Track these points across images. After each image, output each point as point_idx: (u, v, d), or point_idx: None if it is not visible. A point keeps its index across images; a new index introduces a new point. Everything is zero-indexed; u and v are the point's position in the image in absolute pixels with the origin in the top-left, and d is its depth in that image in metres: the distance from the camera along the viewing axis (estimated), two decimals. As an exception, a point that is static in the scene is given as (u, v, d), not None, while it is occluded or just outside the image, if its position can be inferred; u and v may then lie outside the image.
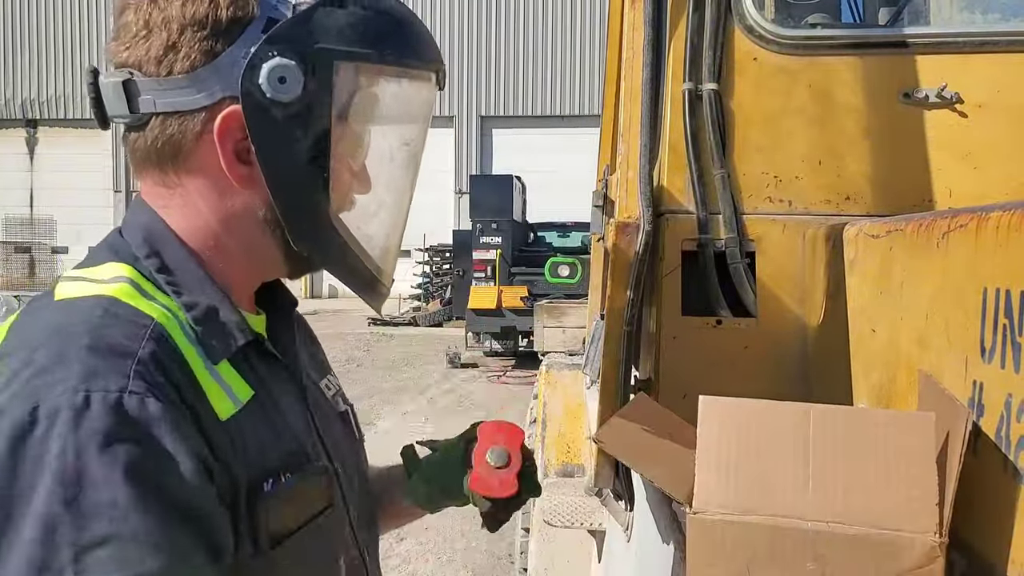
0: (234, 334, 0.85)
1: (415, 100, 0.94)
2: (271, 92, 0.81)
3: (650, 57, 1.32)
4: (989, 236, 0.75)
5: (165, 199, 0.87)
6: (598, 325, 1.41)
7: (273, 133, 0.83)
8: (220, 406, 0.80)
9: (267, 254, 0.90)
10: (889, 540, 0.75)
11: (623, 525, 1.91)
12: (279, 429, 0.87)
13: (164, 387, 0.74)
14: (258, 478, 0.81)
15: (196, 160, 0.85)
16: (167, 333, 0.78)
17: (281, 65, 0.81)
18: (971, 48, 1.34)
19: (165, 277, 0.84)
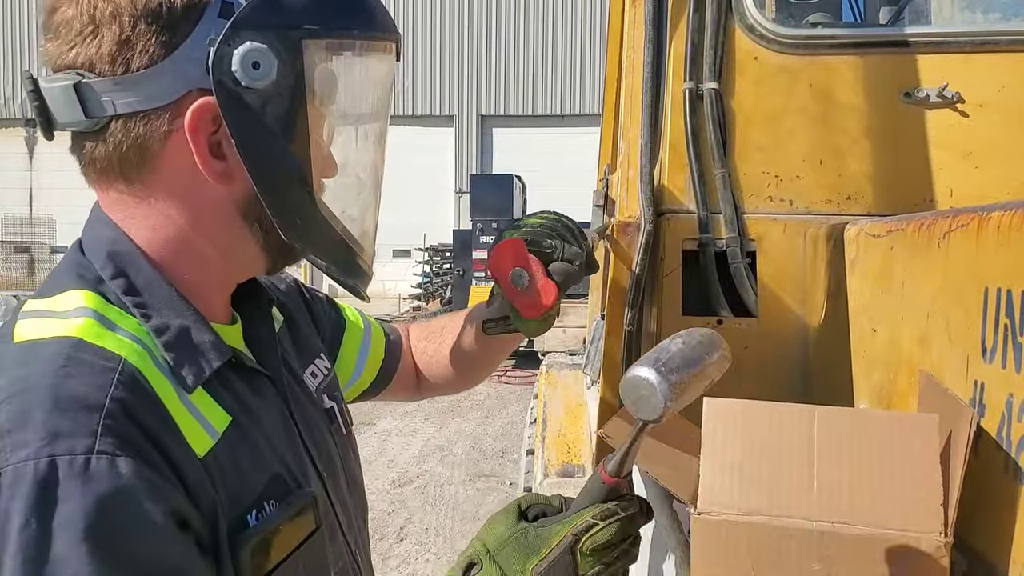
0: (208, 356, 0.80)
1: (381, 73, 0.91)
2: (246, 79, 0.77)
3: (651, 56, 1.32)
4: (990, 236, 0.75)
5: (129, 209, 0.82)
6: (598, 325, 1.41)
7: (251, 121, 0.78)
8: (197, 442, 0.75)
9: (245, 252, 0.86)
10: (894, 540, 0.75)
11: (624, 525, 1.90)
12: (261, 453, 0.83)
13: (135, 440, 0.69)
14: (241, 510, 0.78)
15: (165, 162, 0.79)
16: (138, 372, 0.73)
17: (254, 50, 0.77)
18: (972, 47, 1.33)
19: (132, 299, 0.79)
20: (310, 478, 0.89)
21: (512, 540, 0.78)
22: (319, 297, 1.23)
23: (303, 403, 0.96)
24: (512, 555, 0.77)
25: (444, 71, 23.86)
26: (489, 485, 6.06)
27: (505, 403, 8.92)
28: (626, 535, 0.78)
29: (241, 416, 0.82)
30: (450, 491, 5.78)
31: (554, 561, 0.75)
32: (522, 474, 3.84)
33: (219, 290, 0.89)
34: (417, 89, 23.86)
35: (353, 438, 1.08)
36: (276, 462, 0.84)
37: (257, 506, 0.79)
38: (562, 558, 0.75)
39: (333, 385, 1.07)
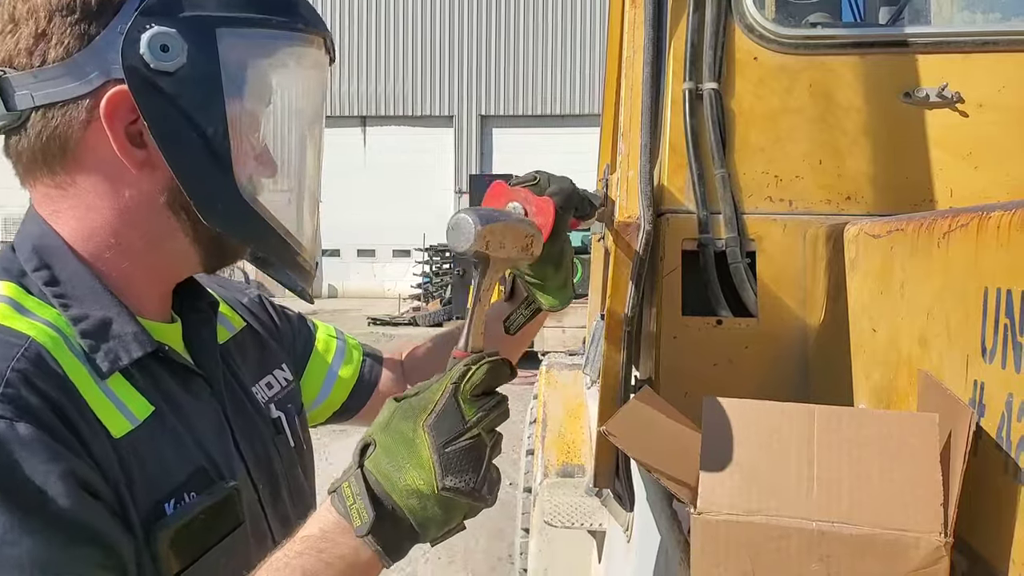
0: (128, 347, 0.80)
1: (304, 65, 0.91)
2: (155, 63, 0.78)
3: (650, 56, 1.32)
4: (990, 236, 0.75)
5: (56, 204, 0.83)
6: (598, 325, 1.41)
7: (165, 106, 0.79)
8: (113, 424, 0.77)
9: (175, 245, 0.86)
10: (894, 540, 0.75)
11: (623, 525, 1.91)
12: (185, 446, 0.84)
13: (35, 408, 0.70)
14: (159, 498, 0.78)
15: (86, 152, 0.81)
16: (45, 351, 0.74)
17: (161, 33, 0.78)
18: (972, 47, 1.33)
19: (53, 290, 0.80)
20: (239, 478, 0.89)
21: (397, 411, 0.80)
22: (289, 315, 1.22)
23: (244, 410, 0.96)
24: (401, 421, 0.79)
25: (444, 71, 23.86)
26: (489, 485, 6.07)
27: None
28: (497, 378, 0.81)
29: (166, 408, 0.83)
30: (450, 491, 5.77)
31: (441, 411, 0.77)
32: (522, 474, 3.84)
33: (151, 285, 0.88)
34: (417, 89, 23.86)
35: (305, 452, 1.08)
36: (201, 457, 0.85)
37: (176, 496, 0.80)
38: (448, 406, 0.78)
39: (289, 397, 1.07)
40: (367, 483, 0.77)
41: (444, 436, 0.77)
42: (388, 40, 24.00)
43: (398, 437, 0.78)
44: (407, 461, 0.77)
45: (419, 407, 0.79)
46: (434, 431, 0.77)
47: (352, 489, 0.77)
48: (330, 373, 1.23)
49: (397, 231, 23.14)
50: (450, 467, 0.76)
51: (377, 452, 0.78)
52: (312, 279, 0.96)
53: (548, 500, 2.92)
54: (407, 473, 0.76)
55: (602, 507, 2.32)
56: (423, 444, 0.77)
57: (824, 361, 1.29)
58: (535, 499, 3.20)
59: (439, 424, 0.77)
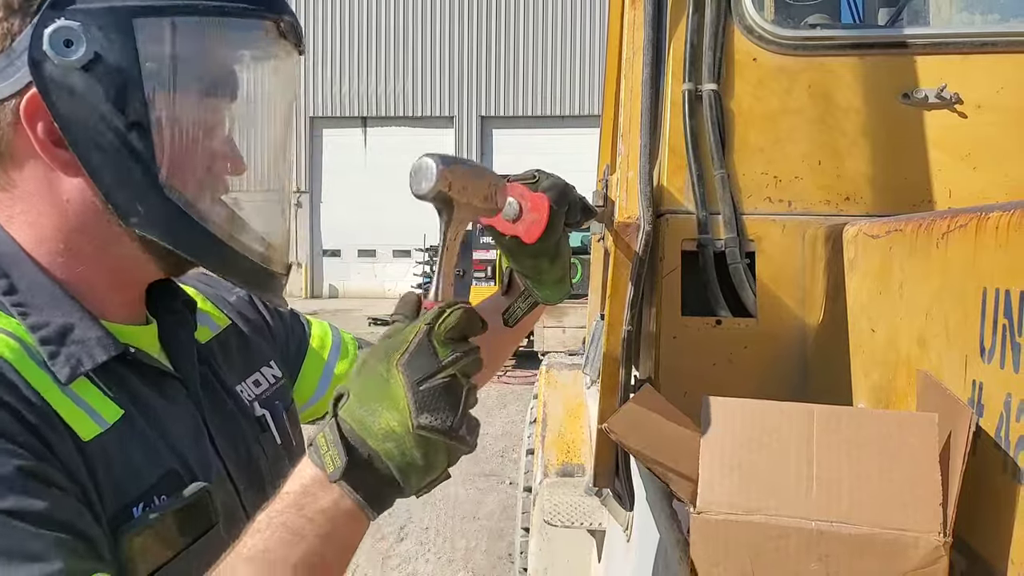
0: (92, 351, 0.78)
1: (250, 56, 0.85)
2: (58, 59, 0.74)
3: (650, 57, 1.32)
4: (989, 236, 0.76)
5: (8, 209, 0.80)
6: (598, 325, 1.41)
7: (73, 105, 0.75)
8: (81, 427, 0.75)
9: (124, 250, 0.82)
10: (893, 540, 0.75)
11: (623, 525, 1.91)
12: (155, 449, 0.81)
13: None
14: (127, 502, 0.76)
15: (20, 154, 0.78)
16: (5, 363, 0.72)
17: (62, 27, 0.74)
18: (970, 48, 1.34)
19: (11, 299, 0.77)
20: (214, 480, 0.86)
21: (371, 355, 0.77)
22: (280, 313, 1.18)
23: (224, 409, 0.94)
24: (374, 362, 0.76)
25: (444, 72, 23.85)
26: (489, 485, 6.06)
27: (505, 403, 8.92)
28: (471, 326, 0.77)
29: (136, 412, 0.81)
30: (450, 491, 5.77)
31: (415, 350, 0.74)
32: (522, 474, 3.84)
33: (113, 288, 0.85)
34: (417, 90, 23.85)
35: (295, 448, 1.04)
36: (173, 460, 0.82)
37: (145, 499, 0.78)
38: (422, 345, 0.75)
39: (277, 395, 1.04)
40: (340, 431, 0.74)
41: (418, 374, 0.73)
42: (388, 40, 23.99)
43: (371, 379, 0.75)
44: (380, 404, 0.73)
45: (392, 347, 0.75)
46: (408, 368, 0.73)
47: (327, 438, 0.74)
48: (327, 369, 1.21)
49: (397, 231, 23.11)
50: (425, 404, 0.73)
51: (350, 400, 0.75)
52: (279, 287, 0.90)
53: (548, 500, 2.93)
54: (381, 416, 0.73)
55: (602, 507, 2.32)
56: (396, 383, 0.73)
57: (823, 361, 1.29)
58: (535, 499, 3.20)
59: (412, 362, 0.74)
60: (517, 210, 1.08)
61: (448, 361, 0.75)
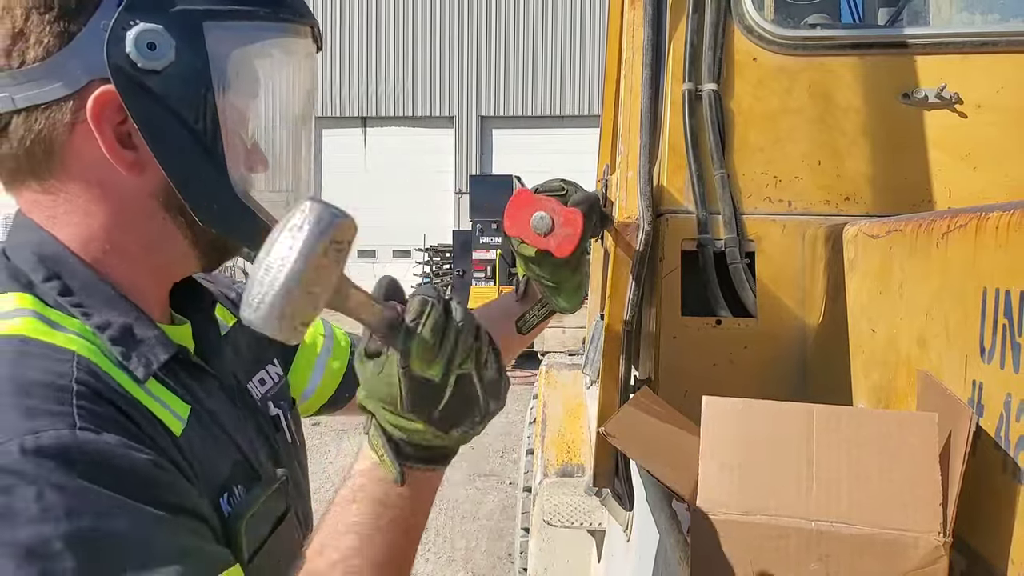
0: (155, 350, 0.79)
1: (294, 58, 0.88)
2: (142, 62, 0.75)
3: (650, 57, 1.32)
4: (989, 236, 0.76)
5: (50, 210, 0.80)
6: (598, 325, 1.41)
7: (154, 106, 0.76)
8: (171, 424, 0.77)
9: (173, 247, 0.84)
10: (893, 540, 0.75)
11: (623, 525, 1.91)
12: (221, 441, 0.84)
13: (113, 418, 0.69)
14: (214, 494, 0.79)
15: (74, 155, 0.78)
16: (94, 363, 0.73)
17: (147, 30, 0.75)
18: (970, 48, 1.34)
19: (70, 300, 0.77)
20: (266, 468, 0.90)
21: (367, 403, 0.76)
22: None
23: (248, 406, 0.96)
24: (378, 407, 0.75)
25: (444, 72, 23.85)
26: (489, 484, 6.06)
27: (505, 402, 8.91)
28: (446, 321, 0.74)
29: (197, 407, 0.82)
30: (450, 491, 5.77)
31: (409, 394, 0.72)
32: (522, 474, 3.84)
33: (154, 287, 0.86)
34: (417, 90, 23.85)
35: (300, 449, 1.07)
36: (236, 450, 0.86)
37: (227, 490, 0.81)
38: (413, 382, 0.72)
39: (281, 393, 1.06)
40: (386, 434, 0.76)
41: (426, 409, 0.73)
42: (388, 40, 23.99)
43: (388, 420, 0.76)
44: (412, 425, 0.75)
45: (386, 397, 0.74)
46: (415, 411, 0.73)
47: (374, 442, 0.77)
48: (319, 364, 1.22)
49: (397, 231, 23.11)
50: (448, 422, 0.74)
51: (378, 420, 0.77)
52: None
53: (548, 500, 2.93)
54: (417, 433, 0.75)
55: (602, 507, 2.32)
56: (412, 421, 0.75)
57: (823, 361, 1.29)
58: (535, 499, 3.20)
59: (415, 404, 0.73)
60: (549, 225, 1.08)
61: (443, 374, 0.73)
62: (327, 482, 6.02)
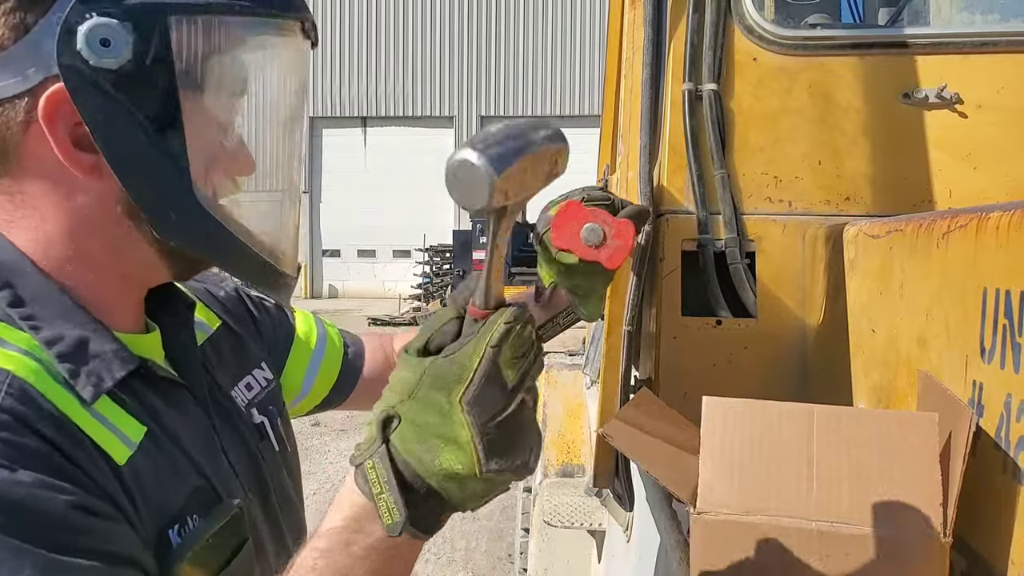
0: (111, 367, 0.73)
1: (277, 56, 0.82)
2: (94, 59, 0.68)
3: (650, 57, 1.32)
4: (989, 236, 0.76)
5: (7, 213, 0.75)
6: (598, 325, 1.41)
7: (108, 108, 0.70)
8: (114, 451, 0.70)
9: (139, 255, 0.77)
10: (893, 540, 0.75)
11: (623, 525, 1.91)
12: (180, 465, 0.77)
13: (34, 451, 0.64)
14: (163, 525, 0.73)
15: (29, 156, 0.72)
16: (28, 385, 0.67)
17: (100, 25, 0.68)
18: (971, 48, 1.34)
19: (20, 311, 0.72)
20: (234, 491, 0.84)
21: (425, 378, 0.65)
22: (267, 307, 1.13)
23: (229, 417, 0.90)
24: (430, 392, 0.64)
25: (444, 72, 23.86)
26: (489, 485, 6.07)
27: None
28: (534, 338, 0.67)
29: (156, 427, 0.76)
30: (450, 492, 5.77)
31: (482, 382, 0.63)
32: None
33: (122, 295, 0.81)
34: (417, 90, 23.86)
35: (290, 454, 1.01)
36: (196, 475, 0.79)
37: (179, 521, 0.74)
38: (490, 375, 0.64)
39: (270, 398, 1.00)
40: (394, 466, 0.65)
41: (487, 413, 0.63)
42: (388, 40, 24.00)
43: (429, 411, 0.64)
44: (442, 441, 0.64)
45: (452, 377, 0.64)
46: (475, 408, 0.63)
47: (378, 473, 0.65)
48: (313, 362, 1.17)
49: (397, 231, 23.13)
50: (494, 448, 0.63)
51: (403, 428, 0.65)
52: (290, 290, 0.86)
53: (548, 500, 2.93)
54: (442, 455, 0.64)
55: (602, 507, 2.33)
56: (461, 424, 0.63)
57: (823, 361, 1.29)
58: (535, 499, 3.20)
59: (481, 398, 0.63)
60: (601, 237, 1.06)
61: (515, 385, 0.65)
62: (327, 482, 6.02)
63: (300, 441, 1.20)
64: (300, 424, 9.06)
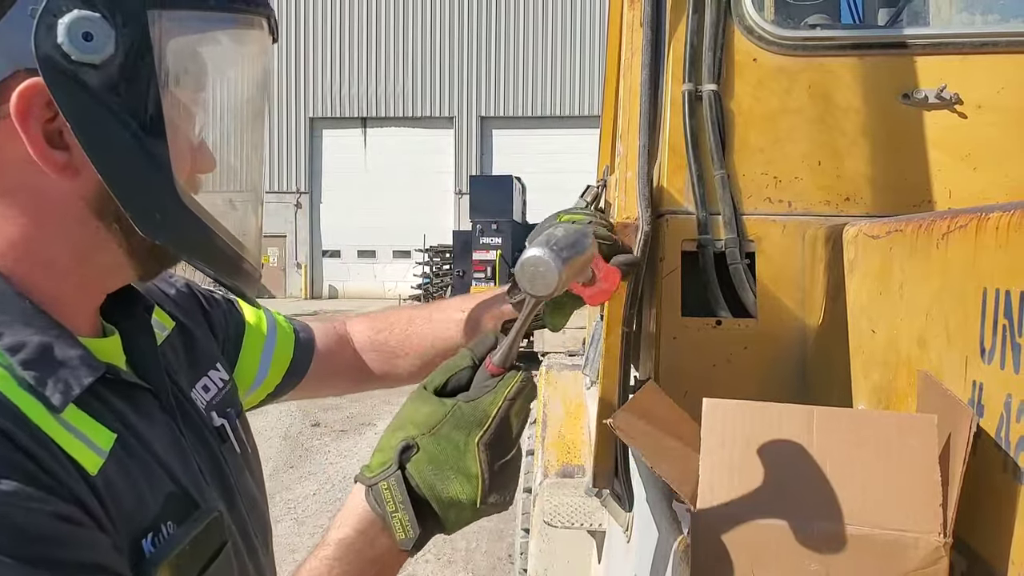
0: (77, 373, 0.70)
1: (249, 51, 0.82)
2: (76, 54, 0.66)
3: (649, 58, 1.32)
4: (989, 236, 0.76)
5: None
6: (598, 326, 1.41)
7: (90, 104, 0.68)
8: (85, 460, 0.68)
9: (106, 257, 0.76)
10: (893, 540, 0.75)
11: (623, 525, 1.91)
12: (152, 472, 0.75)
13: (11, 463, 0.62)
14: (136, 535, 0.71)
15: None
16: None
17: (83, 18, 0.66)
18: (970, 49, 1.34)
19: None
20: (207, 496, 0.83)
21: (450, 418, 0.79)
22: (216, 300, 1.12)
23: (191, 420, 0.89)
24: (453, 431, 0.78)
25: (444, 73, 23.86)
26: (489, 486, 6.07)
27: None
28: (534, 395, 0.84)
29: (126, 433, 0.75)
30: (450, 492, 5.77)
31: (498, 428, 0.78)
32: (522, 474, 3.84)
33: (83, 301, 0.78)
34: (417, 91, 23.86)
35: (251, 458, 1.00)
36: (170, 482, 0.77)
37: (153, 529, 0.73)
38: (504, 424, 0.79)
39: (227, 400, 0.99)
40: (410, 489, 0.77)
41: (498, 457, 0.78)
42: (388, 40, 24.00)
43: (448, 447, 0.77)
44: (454, 473, 0.77)
45: (474, 420, 0.78)
46: (490, 450, 0.77)
47: (393, 494, 0.77)
48: (266, 349, 1.17)
49: (397, 232, 23.15)
50: (495, 484, 0.78)
51: (420, 457, 0.77)
52: (257, 284, 0.87)
53: (548, 500, 2.93)
54: (451, 485, 0.77)
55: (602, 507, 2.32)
56: (474, 459, 0.77)
57: (823, 362, 1.29)
58: (535, 499, 3.20)
59: (495, 443, 0.78)
60: (590, 277, 1.09)
61: (518, 433, 0.80)
62: (327, 482, 6.02)
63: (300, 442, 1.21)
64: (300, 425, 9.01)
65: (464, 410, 0.79)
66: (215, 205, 0.79)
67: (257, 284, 0.87)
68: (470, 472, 0.77)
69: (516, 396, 0.79)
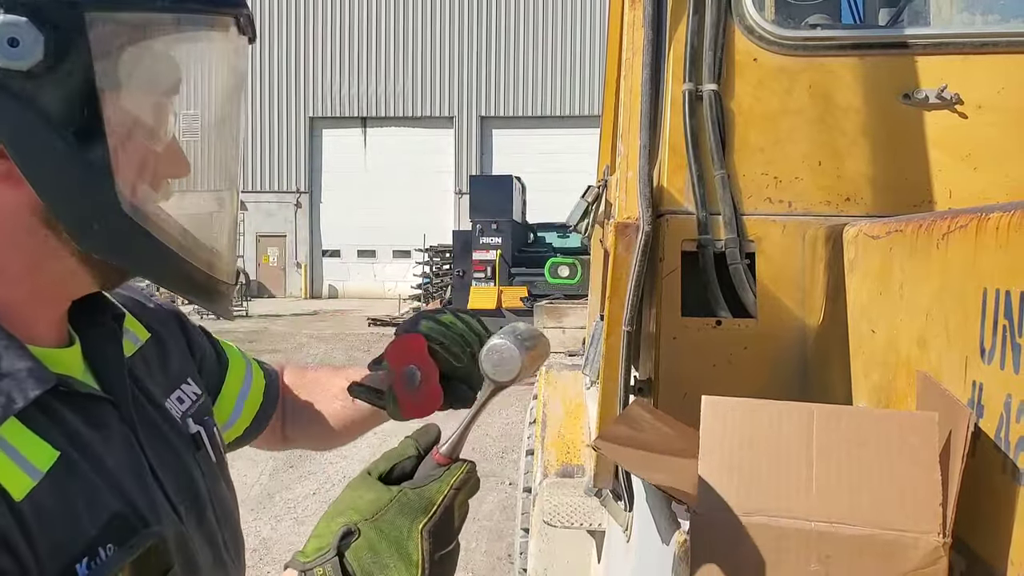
0: (23, 386, 0.68)
1: (208, 52, 0.78)
2: (2, 60, 0.64)
3: (650, 58, 1.32)
4: (989, 237, 0.76)
5: None
6: (598, 326, 1.41)
7: (18, 112, 0.65)
8: (12, 483, 0.65)
9: (59, 265, 0.73)
10: (893, 540, 0.75)
11: (623, 525, 1.91)
12: (97, 492, 0.73)
13: None
14: (69, 560, 0.68)
15: None
16: None
17: (7, 24, 0.64)
18: (971, 49, 1.34)
19: None
20: (161, 514, 0.79)
21: (395, 504, 0.76)
22: (196, 328, 1.10)
23: (158, 429, 0.86)
24: (397, 517, 0.75)
25: (444, 73, 23.86)
26: (489, 485, 6.06)
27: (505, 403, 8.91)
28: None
29: (72, 450, 0.72)
30: (450, 492, 5.77)
31: (442, 518, 0.76)
32: (521, 474, 3.84)
33: (39, 308, 0.76)
34: (417, 91, 23.86)
35: (226, 466, 0.99)
36: (117, 500, 0.74)
37: (90, 552, 0.70)
38: (448, 513, 0.77)
39: (203, 410, 0.97)
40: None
41: (440, 546, 0.76)
42: (388, 40, 24.00)
43: (390, 534, 0.74)
44: (394, 560, 0.74)
45: (420, 507, 0.76)
46: (433, 539, 0.75)
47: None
48: (239, 401, 1.14)
49: (397, 232, 23.14)
50: (436, 573, 0.75)
51: (360, 543, 0.73)
52: (227, 299, 0.83)
53: (548, 500, 2.92)
54: (391, 573, 0.74)
55: (601, 507, 2.32)
56: (415, 547, 0.74)
57: (823, 362, 1.29)
58: (535, 499, 3.20)
59: (438, 532, 0.75)
60: (416, 384, 1.03)
61: (458, 527, 0.78)
62: (327, 482, 6.02)
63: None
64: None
65: (410, 496, 0.76)
66: (178, 215, 0.76)
67: (227, 299, 0.83)
68: (411, 559, 0.73)
69: (462, 486, 0.77)
